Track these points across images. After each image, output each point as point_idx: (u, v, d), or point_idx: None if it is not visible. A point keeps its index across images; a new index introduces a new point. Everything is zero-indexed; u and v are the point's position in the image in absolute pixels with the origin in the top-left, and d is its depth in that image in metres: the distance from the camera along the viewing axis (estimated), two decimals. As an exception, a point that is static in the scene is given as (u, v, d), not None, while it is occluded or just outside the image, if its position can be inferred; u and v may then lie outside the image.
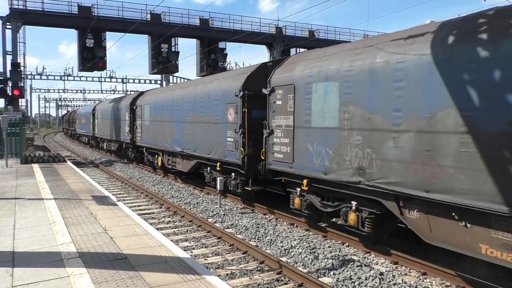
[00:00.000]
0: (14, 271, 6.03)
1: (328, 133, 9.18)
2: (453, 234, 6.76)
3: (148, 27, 32.44)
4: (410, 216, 7.57)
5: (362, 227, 8.67)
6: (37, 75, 55.94)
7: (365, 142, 8.17)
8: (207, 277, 5.96)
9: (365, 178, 8.18)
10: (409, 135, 7.24)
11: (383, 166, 7.78)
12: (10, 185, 14.29)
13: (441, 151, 6.68)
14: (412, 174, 7.20)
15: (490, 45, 6.07)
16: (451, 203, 6.56)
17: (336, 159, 8.92)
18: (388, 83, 7.64)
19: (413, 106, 7.16)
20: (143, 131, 22.77)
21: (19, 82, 27.18)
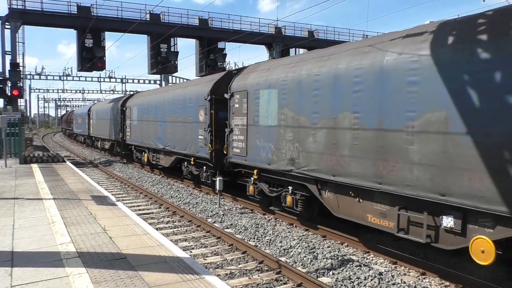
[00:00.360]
0: (13, 271, 6.03)
1: (270, 130, 11.20)
2: (352, 208, 8.84)
3: (147, 27, 32.44)
4: (325, 196, 9.62)
5: (296, 207, 10.65)
6: (36, 75, 55.89)
7: (295, 138, 10.19)
8: (206, 277, 5.96)
9: (295, 167, 10.20)
10: (322, 132, 9.25)
11: (306, 157, 9.81)
12: (9, 185, 14.28)
13: (341, 144, 8.70)
14: (324, 162, 9.21)
15: (359, 64, 8.39)
16: (349, 184, 8.56)
17: (276, 152, 10.93)
18: (309, 91, 9.65)
19: (324, 109, 9.15)
20: (132, 130, 24.68)
21: (18, 82, 27.17)
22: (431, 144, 6.81)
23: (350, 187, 8.65)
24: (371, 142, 7.95)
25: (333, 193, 9.35)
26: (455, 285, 7.09)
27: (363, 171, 8.16)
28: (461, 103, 6.35)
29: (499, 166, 5.89)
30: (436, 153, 6.74)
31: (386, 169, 7.66)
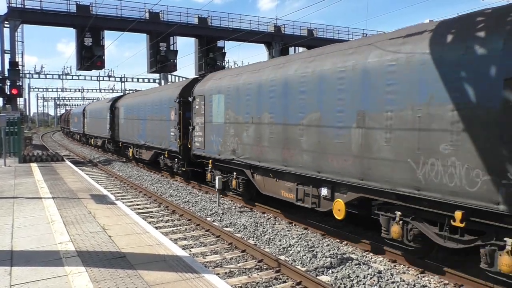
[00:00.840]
0: (13, 270, 6.03)
1: (219, 127, 13.73)
2: (272, 187, 11.50)
3: (147, 26, 32.44)
4: (256, 179, 12.27)
5: (239, 189, 13.18)
6: (35, 74, 55.94)
7: (235, 133, 12.74)
8: (206, 275, 5.97)
9: (235, 156, 12.73)
10: (252, 128, 11.85)
11: (243, 148, 12.37)
12: (8, 184, 14.27)
13: (263, 137, 11.32)
14: (254, 152, 11.80)
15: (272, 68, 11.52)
16: (269, 168, 11.23)
17: (223, 145, 13.48)
18: (244, 96, 12.25)
19: (253, 111, 11.76)
20: (119, 128, 27.52)
21: (17, 81, 27.16)
22: (312, 136, 9.47)
23: (270, 170, 11.35)
24: (280, 135, 10.63)
25: (260, 175, 12.05)
26: (454, 284, 7.10)
27: (276, 157, 10.83)
28: (327, 106, 9.02)
29: (346, 151, 8.46)
30: (315, 142, 9.38)
31: (288, 155, 10.32)
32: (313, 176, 9.49)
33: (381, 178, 7.71)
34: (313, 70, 9.48)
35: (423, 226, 7.31)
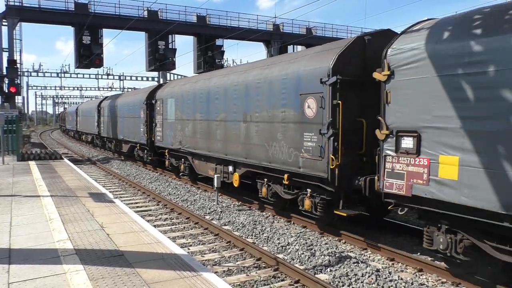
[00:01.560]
0: (11, 268, 6.03)
1: (172, 124, 17.80)
2: (203, 168, 15.38)
3: (145, 24, 32.38)
4: (195, 163, 16.07)
5: (185, 172, 17.08)
6: (34, 72, 55.80)
7: (181, 128, 16.73)
8: (204, 273, 5.97)
9: (182, 146, 16.70)
10: (191, 124, 15.86)
11: (186, 139, 16.29)
12: (6, 182, 14.25)
13: (197, 131, 15.27)
14: (192, 141, 15.74)
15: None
16: (199, 153, 15.25)
17: (174, 137, 17.48)
18: (186, 100, 16.34)
19: (191, 111, 15.83)
20: (104, 125, 31.28)
21: (15, 79, 27.11)
22: (222, 130, 13.45)
23: (202, 156, 15.20)
24: (205, 129, 14.59)
25: (197, 160, 15.95)
26: (451, 282, 7.11)
27: (199, 145, 15.11)
28: (229, 109, 13.06)
29: (241, 139, 12.26)
30: (223, 133, 13.33)
31: (211, 143, 14.17)
32: (223, 158, 13.43)
33: (254, 156, 11.61)
34: (224, 83, 13.48)
35: (275, 186, 11.18)
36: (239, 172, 12.73)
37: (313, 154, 9.27)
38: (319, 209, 9.51)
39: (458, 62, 6.33)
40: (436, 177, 6.68)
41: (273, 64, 11.40)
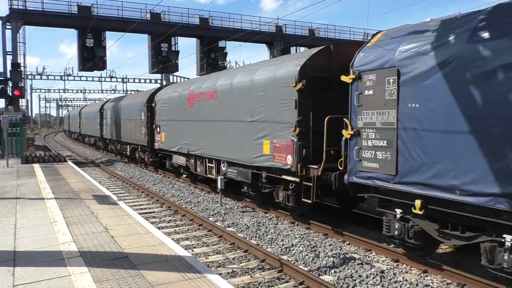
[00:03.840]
0: (16, 271, 6.05)
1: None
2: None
3: (148, 27, 32.44)
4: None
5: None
6: (37, 75, 55.98)
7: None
8: (208, 275, 5.97)
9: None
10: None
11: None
12: (11, 185, 14.30)
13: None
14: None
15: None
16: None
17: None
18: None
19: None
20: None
21: (19, 82, 27.20)
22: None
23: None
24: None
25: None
26: (456, 283, 7.08)
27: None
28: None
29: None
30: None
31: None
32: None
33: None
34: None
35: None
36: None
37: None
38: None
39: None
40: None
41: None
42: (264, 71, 11.56)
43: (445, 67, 6.59)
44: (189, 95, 16.26)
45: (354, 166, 8.34)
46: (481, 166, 6.06)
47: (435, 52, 6.78)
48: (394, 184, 7.46)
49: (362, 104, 8.14)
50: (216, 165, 14.54)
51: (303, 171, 9.82)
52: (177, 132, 17.60)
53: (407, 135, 7.23)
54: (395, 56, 7.49)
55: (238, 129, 12.57)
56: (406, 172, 7.23)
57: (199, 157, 15.72)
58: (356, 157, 8.25)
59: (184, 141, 16.73)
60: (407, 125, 7.22)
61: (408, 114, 7.19)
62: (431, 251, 7.98)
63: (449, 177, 6.51)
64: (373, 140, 7.96)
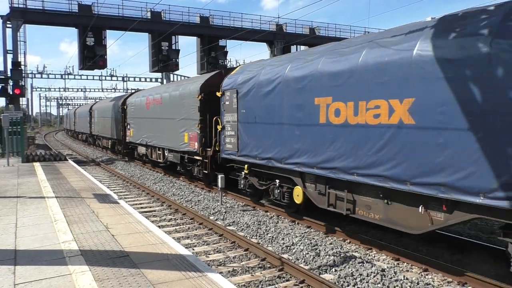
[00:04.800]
0: (16, 269, 6.05)
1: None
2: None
3: (148, 25, 32.41)
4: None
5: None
6: (38, 74, 55.98)
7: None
8: (209, 274, 5.97)
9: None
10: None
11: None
12: (11, 183, 14.31)
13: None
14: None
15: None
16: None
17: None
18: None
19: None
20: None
21: (20, 81, 27.20)
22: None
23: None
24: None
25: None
26: (457, 281, 7.08)
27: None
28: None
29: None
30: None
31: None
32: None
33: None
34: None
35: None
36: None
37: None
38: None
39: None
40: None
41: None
42: (185, 86, 17.15)
43: (252, 89, 11.79)
44: (147, 100, 21.74)
45: (223, 148, 13.68)
46: (268, 143, 11.10)
47: (249, 82, 11.99)
48: (238, 157, 12.69)
49: (224, 109, 13.37)
50: (162, 152, 19.96)
51: (203, 152, 15.25)
52: (140, 129, 22.84)
53: (242, 127, 12.38)
54: (236, 82, 12.69)
55: (172, 125, 17.92)
56: (242, 149, 12.44)
57: (153, 147, 21.16)
58: (223, 142, 13.61)
59: (144, 135, 22.02)
60: (242, 121, 12.37)
61: (242, 115, 12.36)
62: (260, 196, 13.36)
63: (255, 150, 11.71)
64: (229, 131, 13.12)
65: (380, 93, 7.61)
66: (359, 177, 8.20)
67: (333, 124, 8.76)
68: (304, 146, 9.70)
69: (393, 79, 7.34)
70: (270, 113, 10.95)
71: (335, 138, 8.72)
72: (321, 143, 9.13)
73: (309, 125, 9.51)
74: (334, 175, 8.84)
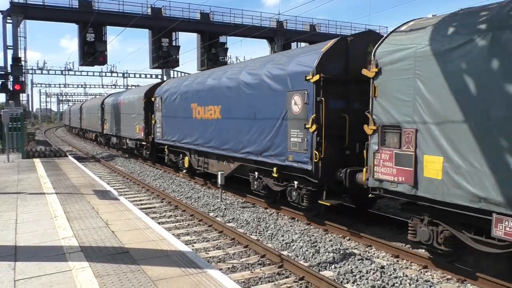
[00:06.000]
0: (17, 265, 6.06)
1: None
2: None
3: (149, 22, 32.34)
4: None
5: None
6: (38, 70, 55.92)
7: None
8: (209, 270, 5.98)
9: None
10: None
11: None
12: (12, 179, 14.33)
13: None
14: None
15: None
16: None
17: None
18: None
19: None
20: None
21: (20, 76, 27.17)
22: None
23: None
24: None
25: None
26: (457, 279, 7.09)
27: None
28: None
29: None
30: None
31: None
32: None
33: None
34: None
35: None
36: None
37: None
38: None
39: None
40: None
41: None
42: (137, 92, 24.13)
43: (168, 97, 18.32)
44: (118, 101, 27.58)
45: (155, 136, 20.11)
46: (174, 131, 17.73)
47: (167, 92, 18.50)
48: (162, 141, 19.16)
49: (155, 109, 19.86)
50: (125, 140, 26.30)
51: (146, 139, 21.47)
52: (113, 123, 28.70)
53: (164, 121, 18.78)
54: (161, 92, 19.31)
55: (131, 120, 24.00)
56: (164, 136, 18.93)
57: (120, 136, 27.25)
58: (157, 132, 19.84)
59: (115, 128, 28.05)
60: (163, 117, 18.85)
61: (163, 113, 18.82)
62: (177, 167, 19.05)
63: (170, 136, 18.16)
64: (158, 124, 19.60)
65: (212, 102, 14.36)
66: (206, 148, 14.88)
67: (197, 119, 15.53)
68: (186, 132, 16.54)
69: (218, 95, 13.90)
70: (175, 112, 17.66)
71: (197, 127, 15.53)
72: (192, 130, 15.98)
73: (188, 119, 16.22)
74: (198, 148, 15.70)
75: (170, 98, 18.00)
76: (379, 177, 7.64)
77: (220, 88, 13.57)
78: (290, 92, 10.04)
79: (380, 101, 7.56)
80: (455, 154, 6.31)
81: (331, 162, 9.33)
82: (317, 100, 9.23)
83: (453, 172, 6.34)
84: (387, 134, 7.49)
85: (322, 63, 9.29)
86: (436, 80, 6.59)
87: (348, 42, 9.69)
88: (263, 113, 11.17)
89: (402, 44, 7.20)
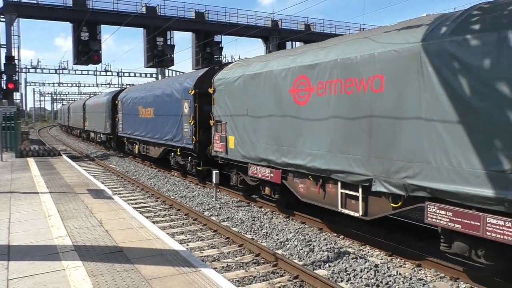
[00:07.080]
0: (10, 265, 6.03)
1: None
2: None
3: (143, 20, 32.28)
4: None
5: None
6: (32, 69, 55.66)
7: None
8: (203, 269, 5.98)
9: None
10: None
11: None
12: (5, 179, 14.24)
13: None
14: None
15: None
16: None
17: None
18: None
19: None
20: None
21: (13, 75, 27.03)
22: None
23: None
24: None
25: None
26: (450, 277, 7.14)
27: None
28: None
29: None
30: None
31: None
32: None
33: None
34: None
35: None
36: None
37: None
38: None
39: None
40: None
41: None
42: (107, 95, 29.30)
43: (126, 101, 24.34)
44: (95, 102, 33.28)
45: (118, 130, 25.93)
46: (130, 126, 23.60)
47: (126, 96, 24.63)
48: (123, 134, 24.79)
49: (118, 110, 25.90)
50: (99, 135, 31.25)
51: (113, 133, 26.87)
52: (91, 121, 34.53)
53: (124, 119, 24.75)
54: (122, 96, 25.38)
55: (102, 118, 29.28)
56: (124, 130, 24.75)
57: (96, 132, 32.76)
58: (119, 128, 25.74)
59: (93, 125, 33.72)
60: (124, 114, 24.73)
61: (124, 113, 24.75)
62: (132, 153, 24.82)
63: (127, 130, 24.11)
64: (120, 121, 25.42)
65: (149, 105, 19.89)
66: (147, 138, 20.32)
67: (142, 117, 20.98)
68: (136, 127, 21.85)
69: (152, 100, 19.71)
70: (130, 112, 23.15)
71: (141, 123, 21.05)
72: (139, 125, 21.40)
73: (137, 117, 21.82)
74: (142, 138, 21.03)
75: (127, 102, 24.00)
76: (215, 149, 13.24)
77: (153, 95, 19.71)
78: (183, 100, 15.91)
79: (215, 106, 13.09)
80: (238, 134, 11.82)
81: (202, 143, 14.79)
82: (195, 105, 14.95)
83: (237, 144, 11.87)
84: (217, 125, 13.03)
85: (197, 83, 15.03)
86: (232, 94, 12.15)
87: (215, 70, 14.15)
88: (172, 113, 17.05)
89: (223, 76, 12.72)
